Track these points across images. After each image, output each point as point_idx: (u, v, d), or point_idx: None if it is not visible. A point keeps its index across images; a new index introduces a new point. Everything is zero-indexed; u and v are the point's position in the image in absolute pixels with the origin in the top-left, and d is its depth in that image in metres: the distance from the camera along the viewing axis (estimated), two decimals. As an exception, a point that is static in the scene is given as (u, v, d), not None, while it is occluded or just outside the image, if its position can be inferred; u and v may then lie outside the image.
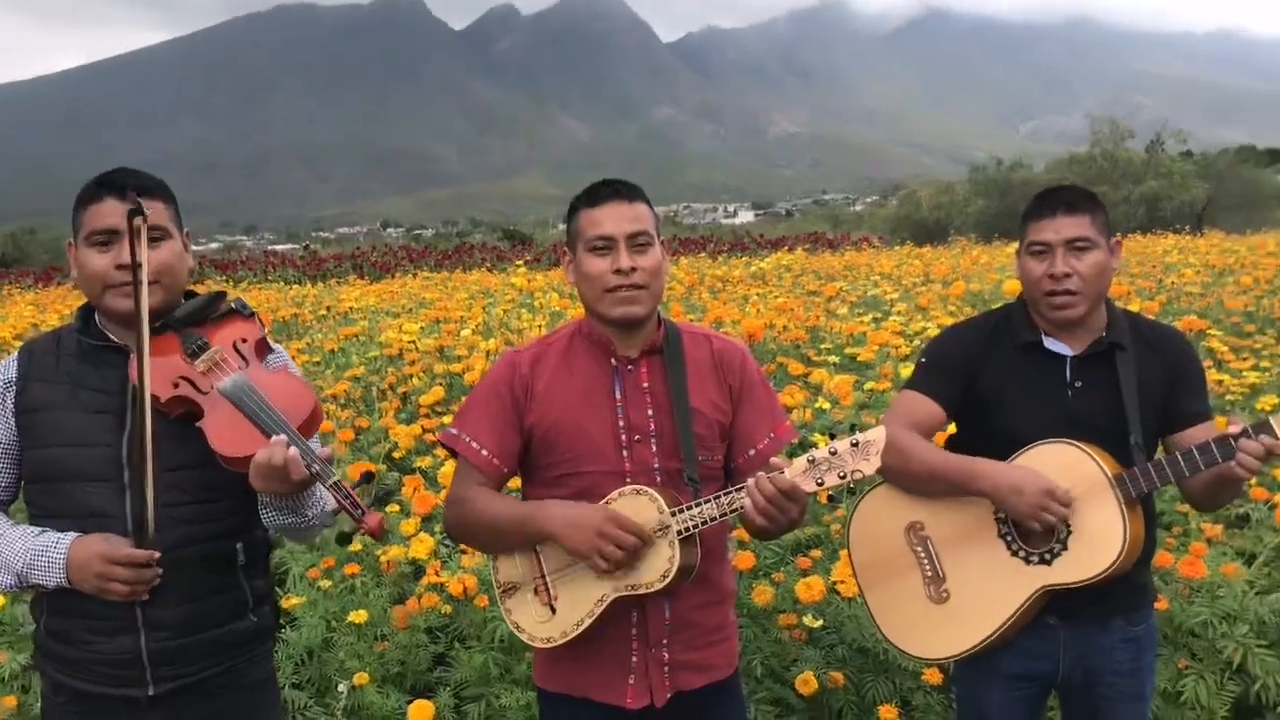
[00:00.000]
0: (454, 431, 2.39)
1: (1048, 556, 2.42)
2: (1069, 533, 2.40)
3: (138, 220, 2.03)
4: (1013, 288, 8.41)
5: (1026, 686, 2.60)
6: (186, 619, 2.14)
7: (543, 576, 2.30)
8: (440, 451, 4.77)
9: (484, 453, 2.33)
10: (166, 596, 2.10)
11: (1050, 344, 2.53)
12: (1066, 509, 2.36)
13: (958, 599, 2.52)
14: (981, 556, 2.49)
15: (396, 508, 4.52)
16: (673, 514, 2.18)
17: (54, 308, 15.48)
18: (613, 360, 2.34)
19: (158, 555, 2.03)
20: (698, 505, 2.18)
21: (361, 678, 3.43)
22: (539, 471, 2.37)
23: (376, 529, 1.98)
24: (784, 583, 3.77)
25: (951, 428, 2.73)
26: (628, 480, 2.27)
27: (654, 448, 2.30)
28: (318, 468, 1.98)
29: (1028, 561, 2.44)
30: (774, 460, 2.13)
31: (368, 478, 2.08)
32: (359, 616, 3.67)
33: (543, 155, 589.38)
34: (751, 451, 2.37)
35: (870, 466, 2.04)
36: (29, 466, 2.16)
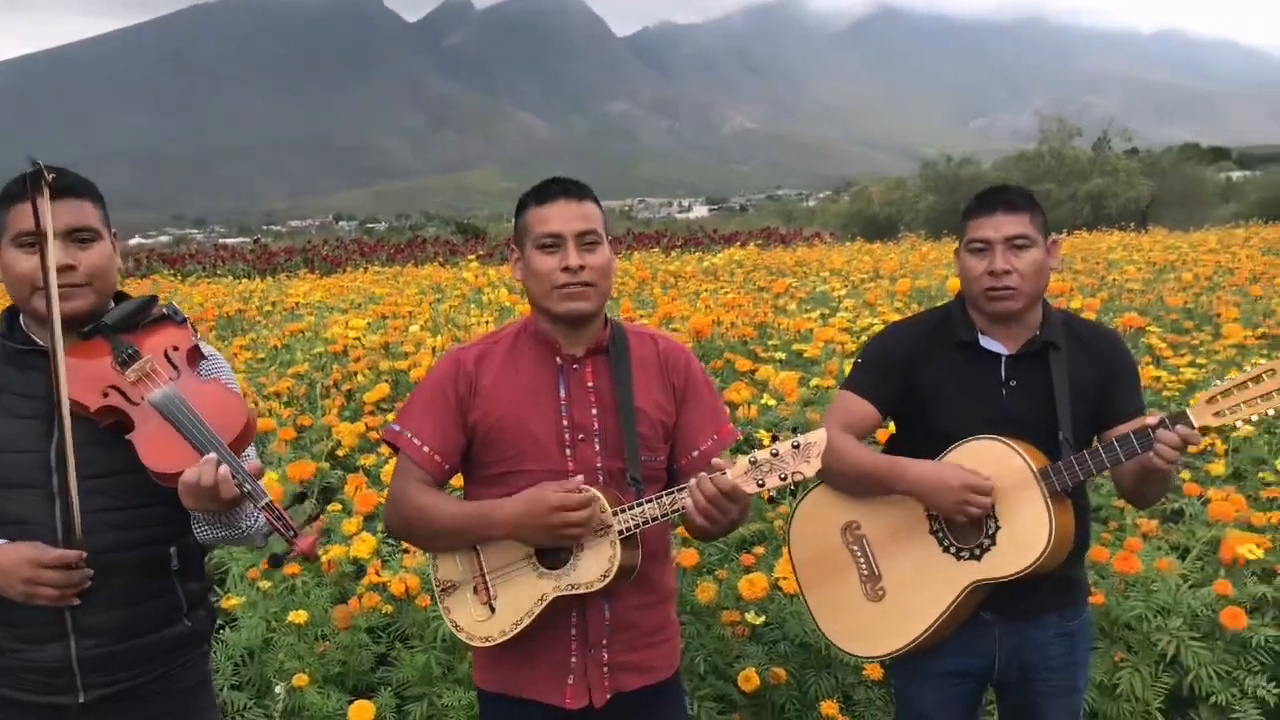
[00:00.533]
0: (396, 428, 2.37)
1: (977, 552, 2.45)
2: (997, 528, 2.43)
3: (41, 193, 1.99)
4: (958, 284, 8.51)
5: (962, 682, 2.63)
6: (118, 625, 2.09)
7: (482, 575, 2.28)
8: (384, 449, 4.74)
9: (426, 449, 2.31)
10: (98, 602, 2.06)
11: (986, 343, 2.56)
12: (988, 498, 2.39)
13: (893, 597, 2.55)
14: (914, 554, 2.52)
15: (339, 506, 4.48)
16: (614, 514, 2.18)
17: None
18: (558, 359, 2.33)
19: (85, 555, 1.98)
20: (639, 505, 2.18)
21: (301, 679, 3.39)
22: (480, 470, 2.36)
23: (310, 550, 1.95)
24: (727, 579, 3.78)
25: (892, 427, 2.76)
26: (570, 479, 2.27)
27: (597, 447, 2.30)
28: (249, 487, 1.94)
29: (958, 557, 2.47)
30: (716, 460, 2.14)
31: (300, 497, 2.05)
32: (299, 617, 3.63)
33: (497, 149, 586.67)
34: (695, 452, 2.37)
35: (810, 468, 2.05)
36: None
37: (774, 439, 2.10)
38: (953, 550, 2.48)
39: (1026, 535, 2.40)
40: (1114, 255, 15.01)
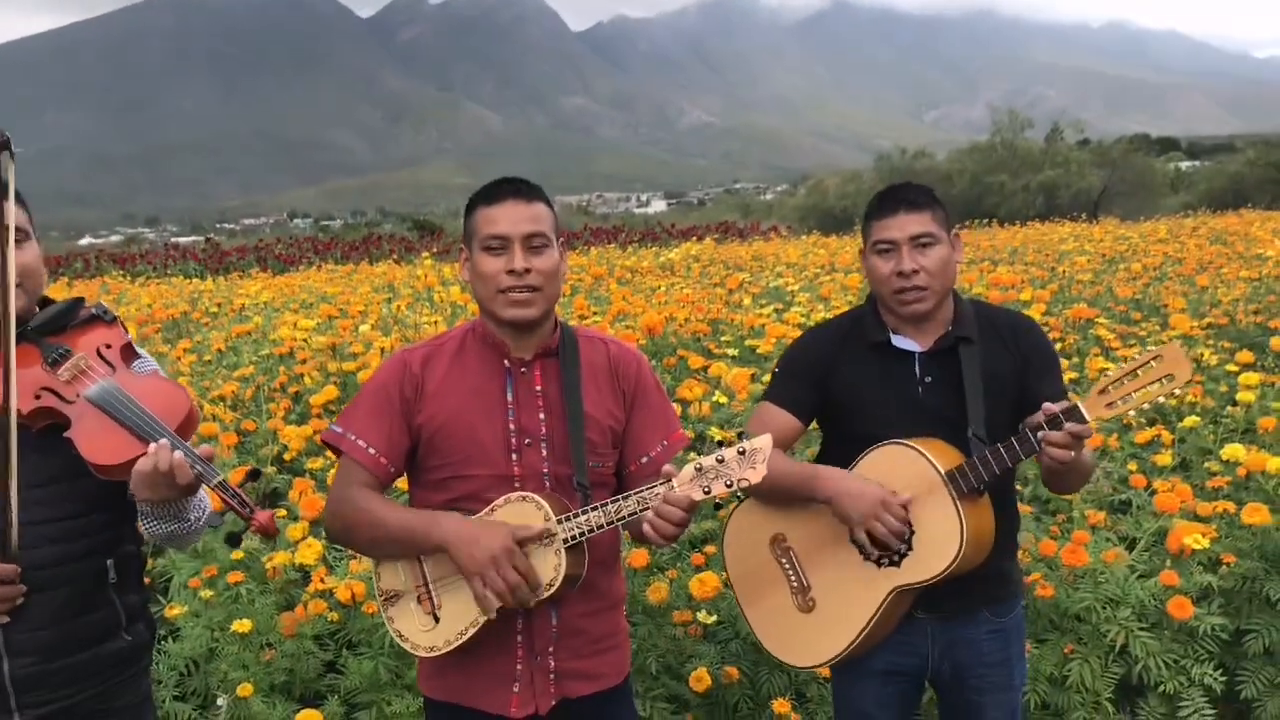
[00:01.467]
0: (338, 429, 2.31)
1: (896, 558, 2.46)
2: (912, 533, 2.43)
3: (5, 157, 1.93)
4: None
5: (899, 681, 2.63)
6: (53, 642, 2.03)
7: (425, 585, 2.25)
8: (331, 454, 4.67)
9: (371, 451, 2.26)
10: (31, 620, 1.99)
11: (899, 341, 2.55)
12: (899, 523, 2.39)
13: (823, 607, 2.55)
14: (839, 564, 2.52)
15: (284, 512, 4.40)
16: (559, 521, 2.15)
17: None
18: (506, 362, 2.29)
19: (19, 570, 1.92)
20: (584, 513, 2.14)
21: (245, 688, 3.32)
22: (424, 474, 2.32)
23: (268, 524, 1.92)
24: (678, 579, 3.75)
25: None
26: (516, 485, 2.24)
27: (544, 452, 2.26)
28: (200, 469, 1.90)
29: (879, 564, 2.48)
30: (666, 468, 2.11)
31: (254, 475, 2.00)
32: (243, 625, 3.56)
33: (453, 144, 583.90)
34: (644, 459, 2.35)
35: (756, 475, 2.04)
36: None
37: (720, 445, 2.09)
38: (874, 558, 2.49)
39: (940, 539, 2.40)
40: (1066, 246, 15.15)
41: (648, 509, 2.09)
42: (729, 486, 2.05)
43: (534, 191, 2.30)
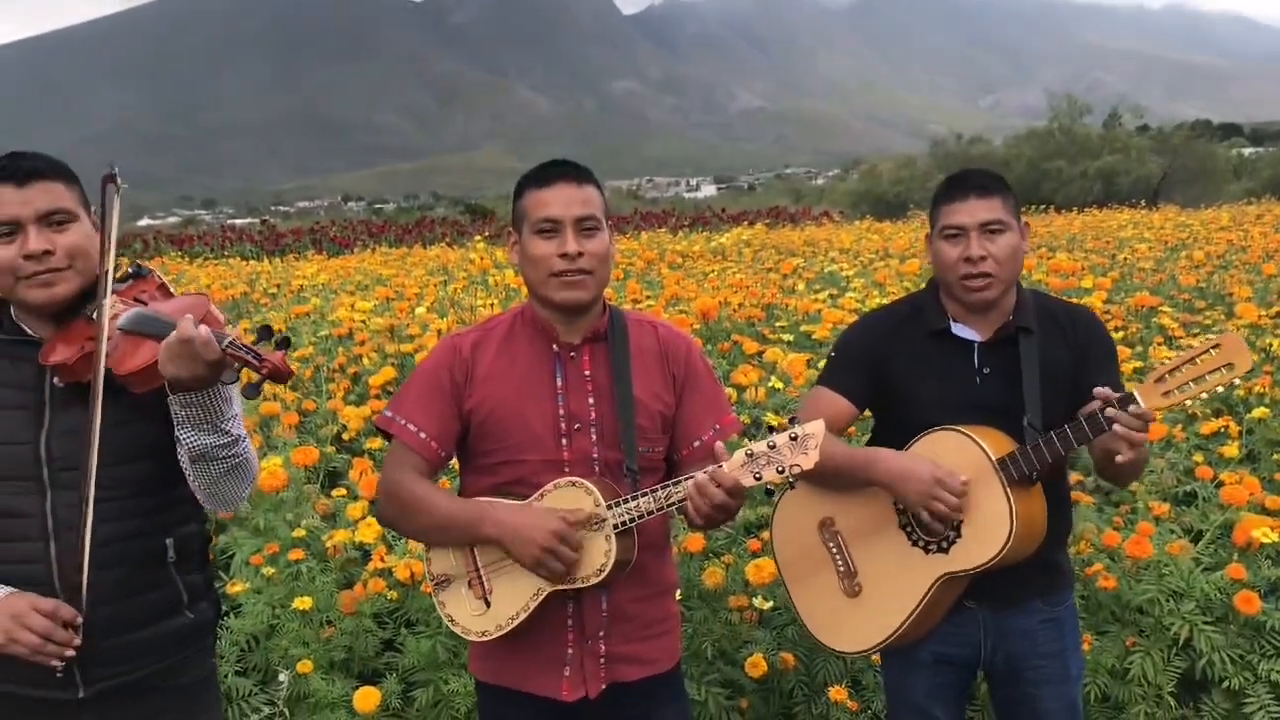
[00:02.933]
0: (389, 414, 2.32)
1: (944, 545, 2.43)
2: (961, 519, 2.40)
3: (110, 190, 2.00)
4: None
5: (951, 671, 2.61)
6: (114, 619, 2.07)
7: (477, 570, 2.26)
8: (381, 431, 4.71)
9: (421, 435, 2.27)
10: (94, 595, 2.02)
11: (958, 330, 2.52)
12: (956, 499, 2.36)
13: (869, 592, 2.54)
14: (887, 548, 2.50)
15: (344, 491, 4.46)
16: (609, 507, 2.15)
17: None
18: (555, 346, 2.29)
19: (80, 621, 1.94)
20: (634, 499, 2.14)
21: (305, 666, 3.37)
22: (475, 458, 2.33)
23: (280, 364, 1.89)
24: (734, 564, 3.75)
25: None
26: (566, 470, 2.23)
27: (593, 437, 2.26)
28: (215, 334, 1.90)
29: (927, 551, 2.46)
30: (717, 447, 2.10)
31: (265, 331, 1.97)
32: (304, 603, 3.61)
33: (503, 128, 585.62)
34: (695, 443, 2.33)
35: (809, 460, 2.02)
36: None
37: (770, 430, 2.06)
38: (921, 544, 2.47)
39: (989, 526, 2.37)
40: (1125, 233, 14.90)
41: (704, 506, 2.08)
42: (780, 473, 2.03)
43: (585, 174, 2.29)
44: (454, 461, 2.45)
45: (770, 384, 5.20)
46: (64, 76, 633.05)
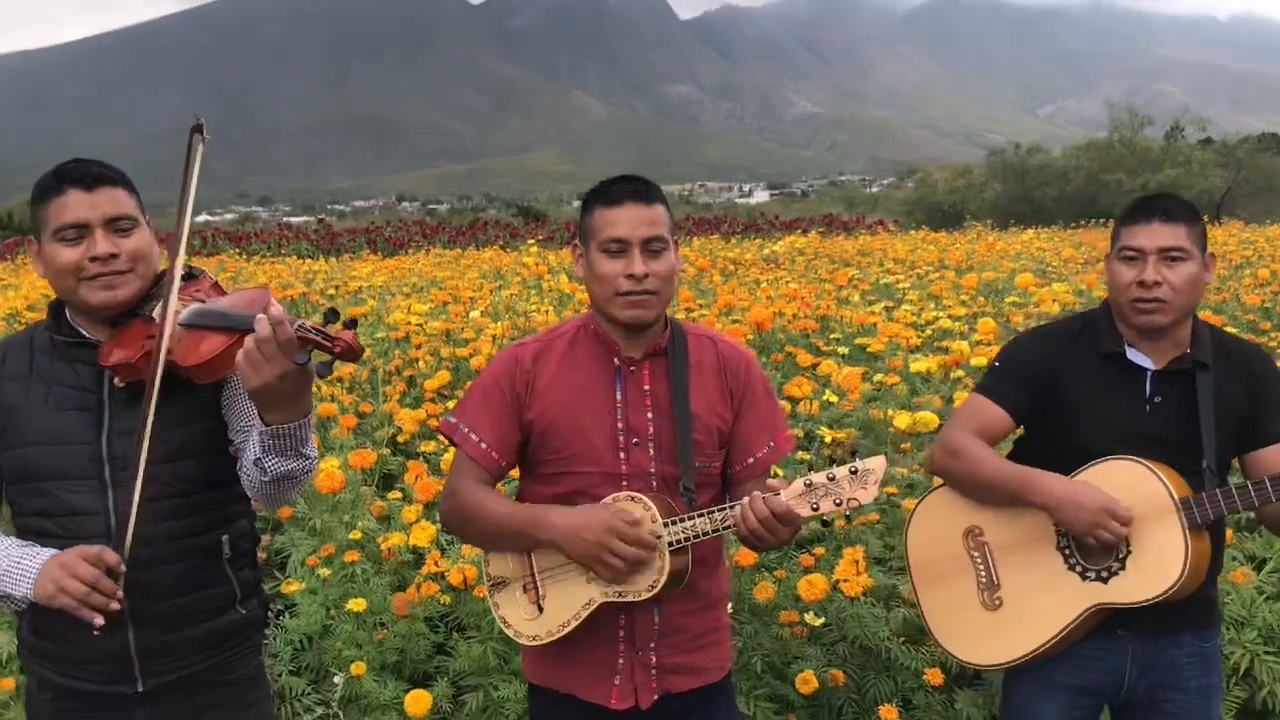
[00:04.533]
0: (453, 420, 2.36)
1: (1104, 574, 2.38)
2: (1129, 552, 2.35)
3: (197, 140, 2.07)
4: (1025, 281, 8.34)
5: (1088, 698, 2.55)
6: (172, 614, 2.12)
7: (532, 575, 2.29)
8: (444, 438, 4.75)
9: (483, 445, 2.30)
10: (152, 592, 2.09)
11: (1133, 356, 2.47)
12: (1125, 528, 2.31)
13: (1010, 607, 2.49)
14: (1037, 567, 2.46)
15: (399, 494, 4.50)
16: (665, 525, 2.16)
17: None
18: (616, 360, 2.31)
19: (123, 569, 1.96)
20: (690, 519, 2.15)
21: (358, 667, 3.41)
22: (536, 467, 2.35)
23: (352, 342, 1.89)
24: (786, 580, 3.73)
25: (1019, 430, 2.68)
26: (624, 483, 2.25)
27: (651, 452, 2.27)
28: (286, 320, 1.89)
29: (1084, 577, 2.40)
30: (771, 481, 2.10)
31: (332, 314, 1.96)
32: (358, 605, 3.65)
33: (558, 132, 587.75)
34: (751, 459, 2.34)
35: (868, 495, 2.02)
36: (7, 467, 2.13)
37: (832, 461, 2.06)
38: (1079, 569, 2.41)
39: (1159, 565, 2.31)
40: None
41: (753, 523, 2.08)
42: (838, 505, 2.03)
43: (653, 193, 2.30)
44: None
45: (824, 397, 5.17)
46: (124, 75, 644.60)
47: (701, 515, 2.15)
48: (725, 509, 2.13)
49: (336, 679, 3.42)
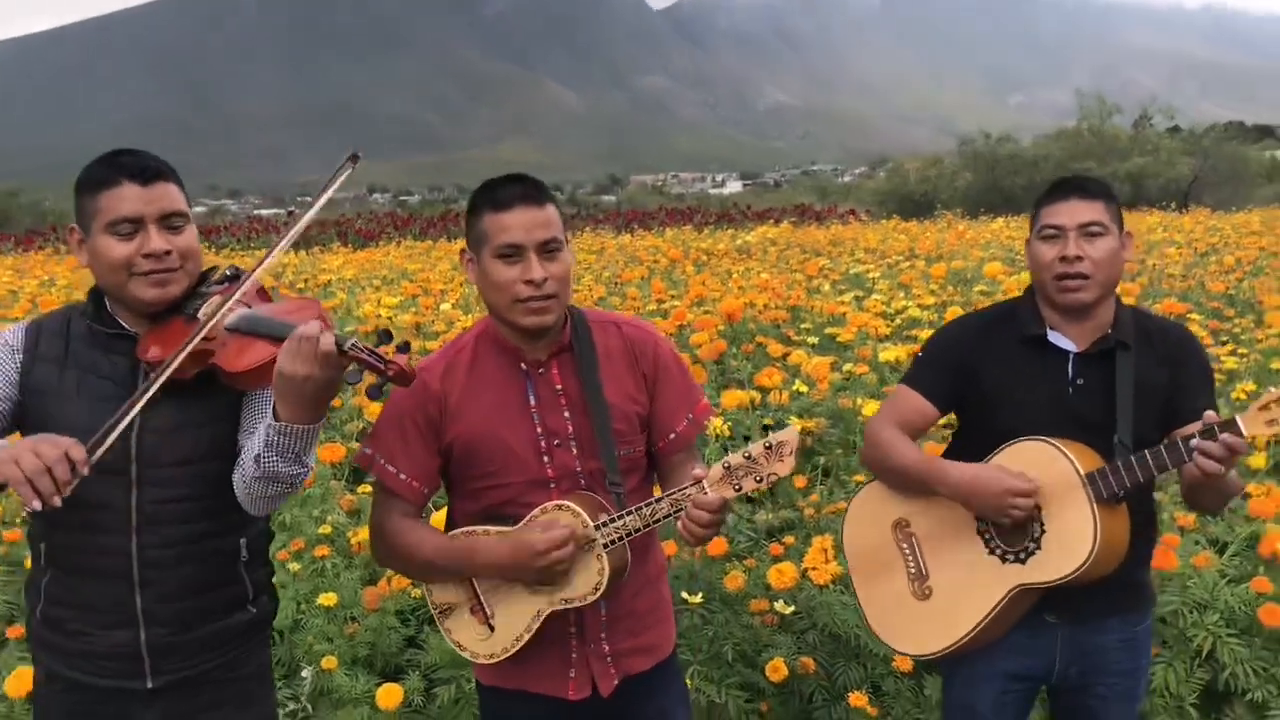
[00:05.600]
0: (369, 452, 2.30)
1: (1022, 555, 2.40)
2: (1043, 531, 2.38)
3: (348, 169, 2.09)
4: (993, 270, 8.40)
5: (1021, 684, 2.58)
6: (186, 614, 2.12)
7: (477, 596, 2.28)
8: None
9: (402, 476, 2.26)
10: (167, 592, 2.09)
11: (1055, 338, 2.48)
12: (1032, 499, 2.33)
13: (939, 596, 2.52)
14: (961, 554, 2.48)
15: (368, 488, 4.49)
16: (596, 528, 2.17)
17: (34, 273, 15.35)
18: (523, 365, 2.27)
19: (87, 471, 1.85)
20: (620, 518, 2.16)
21: (329, 662, 3.41)
22: (460, 484, 2.32)
23: (406, 367, 1.86)
24: (755, 569, 3.76)
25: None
26: (551, 486, 2.24)
27: (574, 450, 2.26)
28: (337, 334, 1.88)
29: (1004, 560, 2.43)
30: (695, 471, 2.11)
31: (385, 335, 1.93)
32: (329, 599, 3.65)
33: (531, 122, 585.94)
34: (672, 435, 2.35)
35: (785, 467, 2.05)
36: None
37: (746, 440, 2.08)
38: (999, 553, 2.44)
39: (1072, 541, 2.33)
40: (1155, 236, 14.79)
41: (681, 510, 2.10)
42: (759, 482, 2.06)
43: (543, 193, 2.23)
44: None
45: (794, 387, 5.20)
46: (92, 66, 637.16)
47: (630, 513, 2.15)
48: (652, 503, 2.15)
49: (305, 673, 3.42)
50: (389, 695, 3.25)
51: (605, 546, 2.16)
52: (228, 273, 2.23)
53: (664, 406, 2.35)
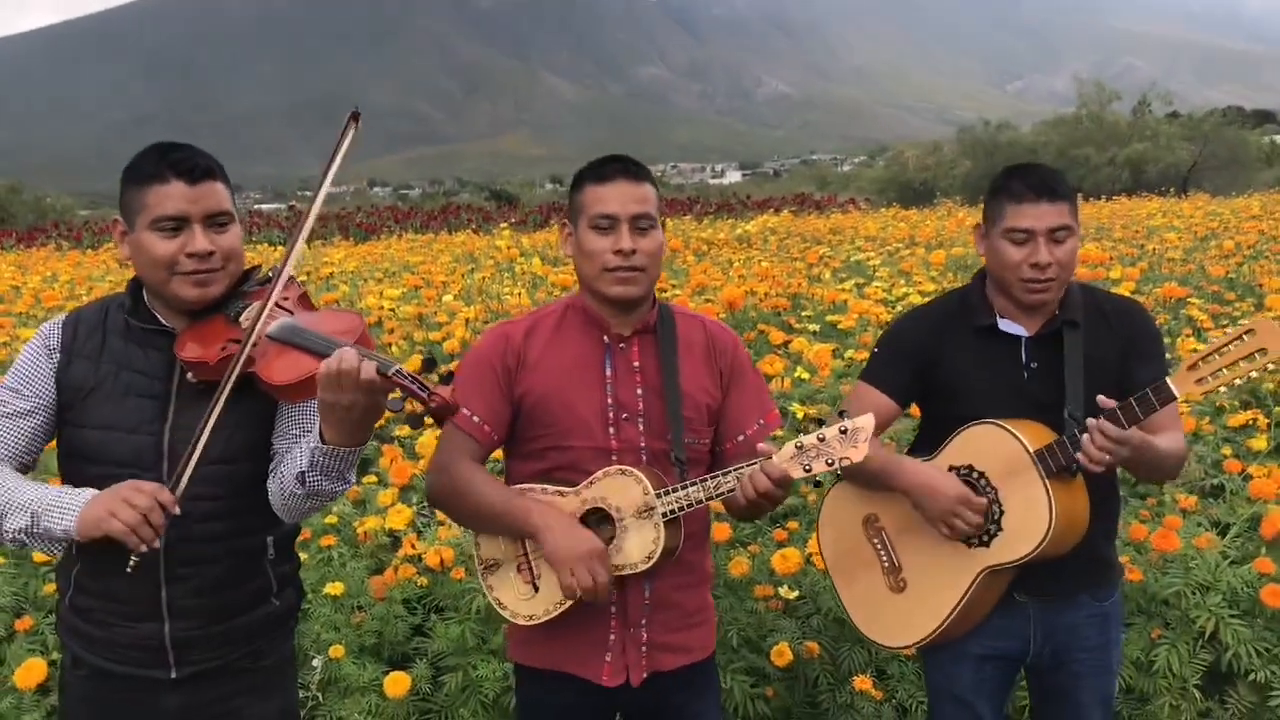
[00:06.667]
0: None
1: (985, 539, 2.44)
2: (1002, 512, 2.41)
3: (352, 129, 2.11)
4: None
5: (997, 664, 2.62)
6: (211, 608, 2.14)
7: (525, 555, 2.31)
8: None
9: (475, 419, 2.31)
10: (193, 587, 2.10)
11: (1005, 325, 2.52)
12: (978, 517, 2.38)
13: (914, 587, 2.55)
14: (929, 544, 2.51)
15: (374, 478, 4.51)
16: (658, 495, 2.19)
17: (36, 269, 15.36)
18: (605, 337, 2.33)
19: (176, 510, 1.93)
20: (684, 488, 2.19)
21: (337, 650, 3.42)
22: (522, 444, 2.37)
23: (450, 399, 1.85)
24: (760, 554, 3.78)
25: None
26: (613, 458, 2.28)
27: (641, 427, 2.31)
28: (378, 360, 1.87)
29: (969, 545, 2.46)
30: (761, 446, 2.13)
31: (429, 363, 1.95)
32: (335, 588, 3.67)
33: (529, 114, 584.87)
34: (740, 437, 2.38)
35: (858, 453, 2.06)
36: (65, 443, 2.12)
37: (820, 424, 2.09)
38: (963, 539, 2.47)
39: (1029, 519, 2.37)
40: (1154, 221, 14.79)
41: (752, 495, 2.12)
42: (830, 465, 2.07)
43: (642, 172, 2.33)
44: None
45: (796, 374, 5.22)
46: (91, 62, 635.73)
47: (694, 484, 2.18)
48: (717, 475, 2.17)
49: (315, 662, 3.43)
50: (396, 684, 3.27)
51: (664, 516, 2.18)
52: (269, 274, 2.22)
53: (736, 407, 2.40)
